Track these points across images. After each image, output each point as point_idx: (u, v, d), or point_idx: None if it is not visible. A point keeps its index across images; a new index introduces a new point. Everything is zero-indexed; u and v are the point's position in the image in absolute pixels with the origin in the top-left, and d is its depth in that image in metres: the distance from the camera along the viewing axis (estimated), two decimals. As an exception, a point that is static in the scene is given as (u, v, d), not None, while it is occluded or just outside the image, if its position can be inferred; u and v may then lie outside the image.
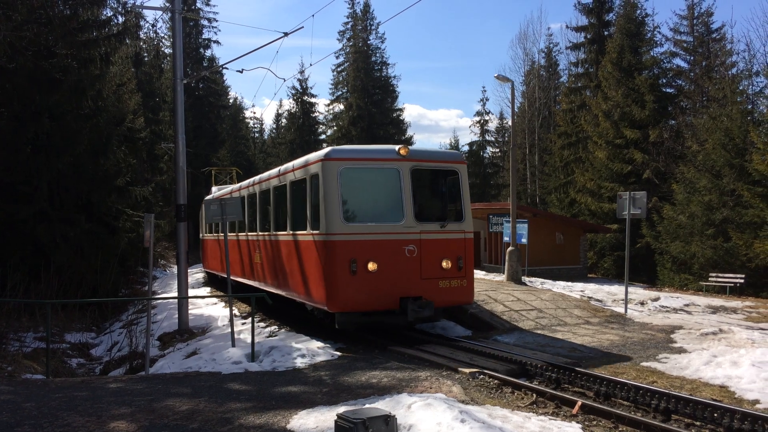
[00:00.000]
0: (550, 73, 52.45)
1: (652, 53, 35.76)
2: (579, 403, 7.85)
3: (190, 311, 17.37)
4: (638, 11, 36.48)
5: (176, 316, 16.93)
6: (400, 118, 60.93)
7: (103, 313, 21.05)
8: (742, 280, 23.10)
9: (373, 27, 61.70)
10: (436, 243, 11.98)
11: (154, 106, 43.65)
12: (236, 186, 20.63)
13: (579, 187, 37.46)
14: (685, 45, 38.24)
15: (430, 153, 12.98)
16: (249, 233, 17.39)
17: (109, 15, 22.96)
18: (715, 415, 7.31)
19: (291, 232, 13.35)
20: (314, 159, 12.21)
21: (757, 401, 8.07)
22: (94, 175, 21.20)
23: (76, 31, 20.48)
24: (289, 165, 14.02)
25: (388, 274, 11.45)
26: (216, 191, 26.05)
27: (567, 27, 44.27)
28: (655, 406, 7.80)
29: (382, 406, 7.08)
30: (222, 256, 20.48)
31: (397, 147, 11.93)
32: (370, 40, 61.52)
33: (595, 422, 7.44)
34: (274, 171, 15.28)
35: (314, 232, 11.89)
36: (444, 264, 11.96)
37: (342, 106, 62.64)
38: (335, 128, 62.95)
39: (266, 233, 15.55)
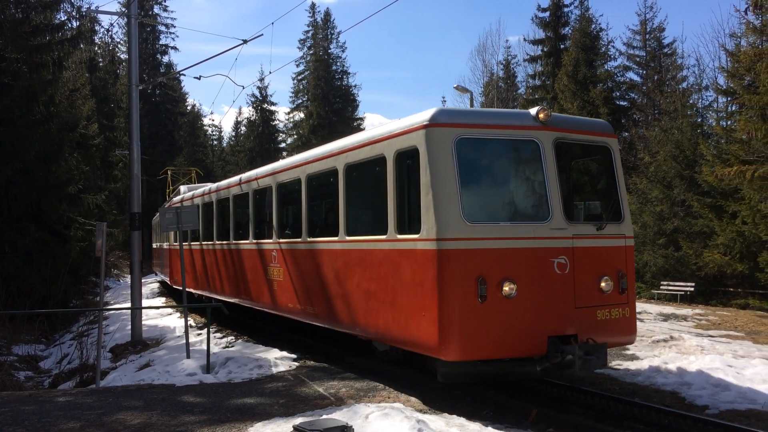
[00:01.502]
0: (509, 85, 53.25)
1: (606, 67, 36.64)
2: (535, 411, 7.94)
3: (144, 322, 17.02)
4: (593, 26, 37.37)
5: (129, 327, 16.57)
6: (361, 127, 61.07)
7: (53, 324, 20.49)
8: (692, 289, 23.73)
9: (333, 36, 61.89)
10: (593, 253, 8.32)
11: (108, 112, 42.87)
12: (224, 183, 16.14)
13: (537, 197, 37.94)
14: (637, 59, 39.24)
15: (575, 121, 9.15)
16: (255, 240, 13.47)
17: (63, 19, 22.52)
18: (667, 421, 7.46)
19: (347, 238, 9.67)
20: (408, 126, 8.31)
21: (706, 407, 8.27)
22: (45, 182, 20.68)
23: (27, 35, 20.05)
24: (341, 143, 10.29)
25: (530, 300, 7.76)
26: (185, 192, 21.80)
27: (525, 40, 44.86)
28: (608, 412, 7.94)
29: (340, 416, 7.03)
30: (205, 272, 17.40)
31: (533, 110, 8.25)
32: (330, 48, 61.66)
33: (550, 429, 7.53)
34: (309, 154, 11.39)
35: (409, 237, 8.19)
36: (603, 284, 8.27)
37: (302, 115, 62.56)
38: (295, 136, 62.78)
39: (295, 240, 11.55)
